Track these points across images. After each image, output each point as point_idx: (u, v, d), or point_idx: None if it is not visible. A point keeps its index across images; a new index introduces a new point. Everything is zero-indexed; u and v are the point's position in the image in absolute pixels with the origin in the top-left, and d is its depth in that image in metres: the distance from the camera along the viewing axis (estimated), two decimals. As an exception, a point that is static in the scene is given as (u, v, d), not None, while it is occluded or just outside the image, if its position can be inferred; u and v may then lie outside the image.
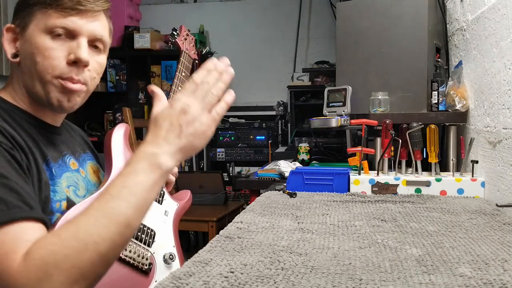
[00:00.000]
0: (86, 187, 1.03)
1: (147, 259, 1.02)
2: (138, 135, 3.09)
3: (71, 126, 1.13)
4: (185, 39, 1.33)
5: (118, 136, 1.11)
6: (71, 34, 0.92)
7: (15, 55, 0.95)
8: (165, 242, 1.11)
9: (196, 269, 0.78)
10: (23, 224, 0.74)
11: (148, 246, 1.05)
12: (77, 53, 0.91)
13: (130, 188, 0.75)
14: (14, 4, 0.98)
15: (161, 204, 1.15)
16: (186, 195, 1.25)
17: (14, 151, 0.83)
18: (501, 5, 1.32)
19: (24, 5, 0.95)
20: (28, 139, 0.91)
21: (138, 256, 1.00)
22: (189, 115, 0.79)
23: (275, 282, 0.72)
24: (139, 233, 1.04)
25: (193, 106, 0.79)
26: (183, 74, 1.26)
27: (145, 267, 1.01)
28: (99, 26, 0.97)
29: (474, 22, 1.59)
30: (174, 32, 1.30)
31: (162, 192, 1.16)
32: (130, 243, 1.00)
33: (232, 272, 0.76)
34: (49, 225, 0.80)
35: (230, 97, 0.82)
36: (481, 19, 1.51)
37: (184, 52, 1.30)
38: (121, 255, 0.96)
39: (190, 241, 3.49)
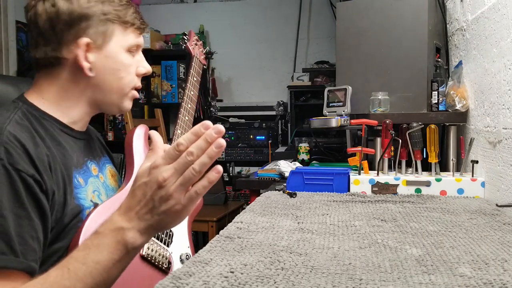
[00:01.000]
0: (105, 192, 1.03)
1: (166, 258, 1.03)
2: (138, 135, 3.09)
3: (90, 129, 1.13)
4: (195, 44, 1.36)
5: (139, 136, 1.13)
6: (138, 50, 1.02)
7: (89, 69, 0.95)
8: (182, 242, 1.12)
9: (196, 269, 0.78)
10: (4, 274, 0.75)
11: (167, 246, 1.05)
12: (146, 67, 1.03)
13: (88, 267, 0.73)
14: (14, 4, 0.98)
15: None
16: None
17: (36, 176, 0.82)
18: (501, 5, 1.32)
19: (103, 19, 0.94)
20: (57, 148, 0.91)
21: (159, 255, 1.01)
22: (164, 191, 0.72)
23: (275, 282, 0.72)
24: (159, 233, 1.04)
25: (170, 182, 0.72)
26: (195, 79, 1.28)
27: (165, 266, 1.02)
28: None
29: (474, 22, 1.59)
30: (184, 37, 1.33)
31: None
32: (151, 242, 1.01)
33: (232, 272, 0.76)
34: (34, 271, 0.79)
35: (215, 175, 0.71)
36: (481, 19, 1.51)
37: (195, 57, 1.32)
38: (143, 252, 0.97)
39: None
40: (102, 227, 0.77)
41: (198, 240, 3.51)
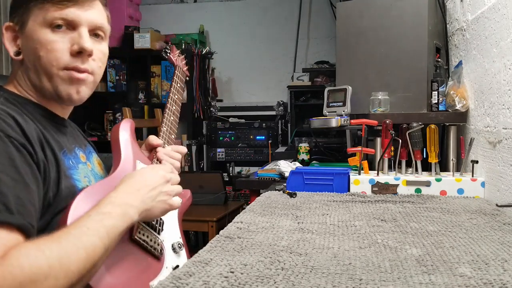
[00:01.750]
0: (95, 179, 1.04)
1: (158, 244, 1.03)
2: (138, 135, 3.08)
3: (70, 121, 1.13)
4: (178, 56, 1.44)
5: (125, 129, 1.14)
6: (71, 25, 0.93)
7: (17, 53, 0.95)
8: (173, 232, 1.13)
9: (196, 269, 0.78)
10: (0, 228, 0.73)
11: (158, 233, 1.06)
12: (80, 43, 0.92)
13: (107, 230, 0.81)
14: (14, 4, 1.00)
15: None
16: (186, 193, 1.27)
17: (27, 146, 0.83)
18: (501, 5, 1.32)
19: (20, 2, 0.95)
20: (44, 131, 0.91)
21: (150, 240, 1.01)
22: (168, 187, 0.98)
23: (275, 282, 0.72)
24: (148, 220, 1.05)
25: (175, 179, 1.01)
26: (178, 85, 1.35)
27: (157, 252, 1.02)
28: (97, 14, 0.97)
29: (474, 22, 1.59)
30: (166, 50, 1.42)
31: None
32: (143, 228, 1.02)
33: (232, 272, 0.76)
34: (32, 233, 0.78)
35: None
36: (481, 19, 1.51)
37: (178, 66, 1.40)
38: (136, 237, 0.98)
39: (190, 241, 3.49)
40: (112, 198, 0.87)
41: (198, 240, 3.51)
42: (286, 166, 2.13)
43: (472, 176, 1.48)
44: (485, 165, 1.46)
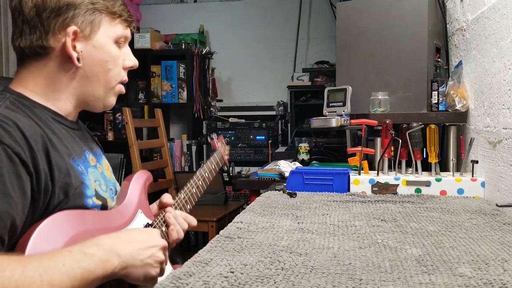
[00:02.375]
0: (105, 182, 1.02)
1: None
2: (138, 135, 3.09)
3: (79, 121, 1.11)
4: (222, 144, 1.59)
5: (139, 178, 1.13)
6: (125, 43, 1.02)
7: (77, 59, 0.92)
8: None
9: (196, 269, 0.78)
10: None
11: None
12: (133, 60, 1.04)
13: (82, 272, 0.75)
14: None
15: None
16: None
17: (22, 155, 0.79)
18: (501, 5, 1.32)
19: (91, 9, 0.93)
20: (52, 136, 0.89)
21: None
22: (161, 254, 0.90)
23: (275, 282, 0.72)
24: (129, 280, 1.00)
25: (165, 254, 0.92)
26: (213, 166, 1.44)
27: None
28: None
29: (474, 22, 1.59)
30: (212, 136, 1.59)
31: None
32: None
33: (232, 272, 0.76)
34: (3, 243, 0.76)
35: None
36: (481, 19, 1.51)
37: (219, 151, 1.53)
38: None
39: (190, 241, 3.49)
40: (101, 239, 0.82)
41: (198, 240, 3.51)
42: (286, 166, 2.13)
43: (472, 176, 1.48)
44: (485, 165, 1.46)
